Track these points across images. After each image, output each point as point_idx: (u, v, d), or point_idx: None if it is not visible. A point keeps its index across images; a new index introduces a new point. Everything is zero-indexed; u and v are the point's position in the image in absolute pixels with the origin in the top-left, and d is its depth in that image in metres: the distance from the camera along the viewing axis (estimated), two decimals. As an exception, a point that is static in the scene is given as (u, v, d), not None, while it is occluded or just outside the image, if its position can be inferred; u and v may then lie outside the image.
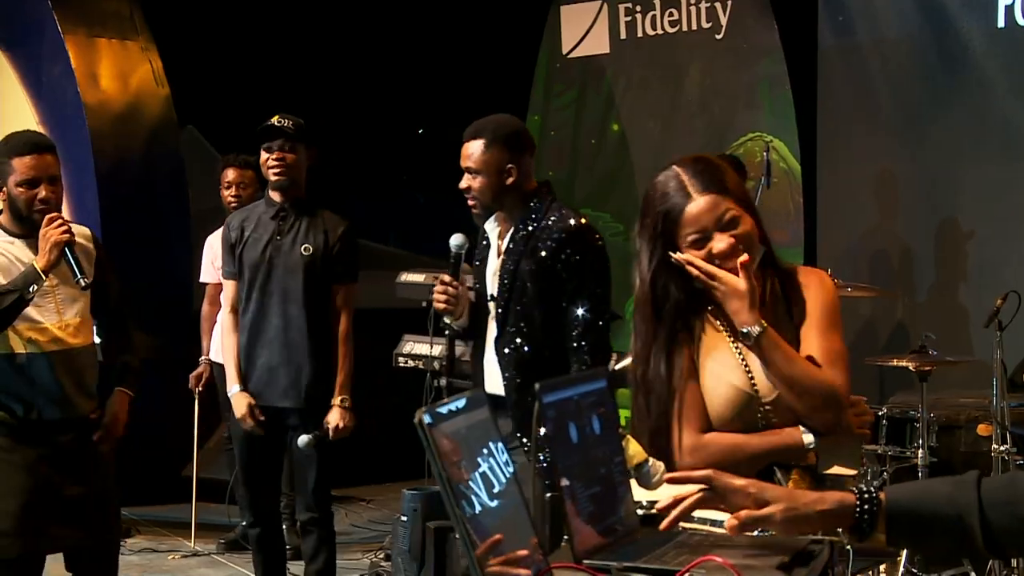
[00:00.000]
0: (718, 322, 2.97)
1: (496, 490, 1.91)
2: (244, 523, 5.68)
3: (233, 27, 10.49)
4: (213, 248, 7.48)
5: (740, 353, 2.93)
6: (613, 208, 8.94)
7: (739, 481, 2.32)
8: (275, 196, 5.46)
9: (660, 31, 8.70)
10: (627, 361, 6.41)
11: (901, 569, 5.17)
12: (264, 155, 5.42)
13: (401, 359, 7.33)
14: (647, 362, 2.96)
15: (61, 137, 8.62)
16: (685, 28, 8.53)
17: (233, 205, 7.28)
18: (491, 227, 4.67)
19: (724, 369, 2.93)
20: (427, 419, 1.80)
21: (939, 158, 7.37)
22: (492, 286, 4.63)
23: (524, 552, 1.95)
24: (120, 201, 8.57)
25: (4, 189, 4.59)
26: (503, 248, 4.59)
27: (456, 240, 4.67)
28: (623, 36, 8.94)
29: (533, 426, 2.19)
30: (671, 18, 8.58)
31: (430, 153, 10.03)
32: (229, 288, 5.56)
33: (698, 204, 2.91)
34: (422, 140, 10.80)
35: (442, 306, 4.58)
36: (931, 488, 2.26)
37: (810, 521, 2.24)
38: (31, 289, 4.43)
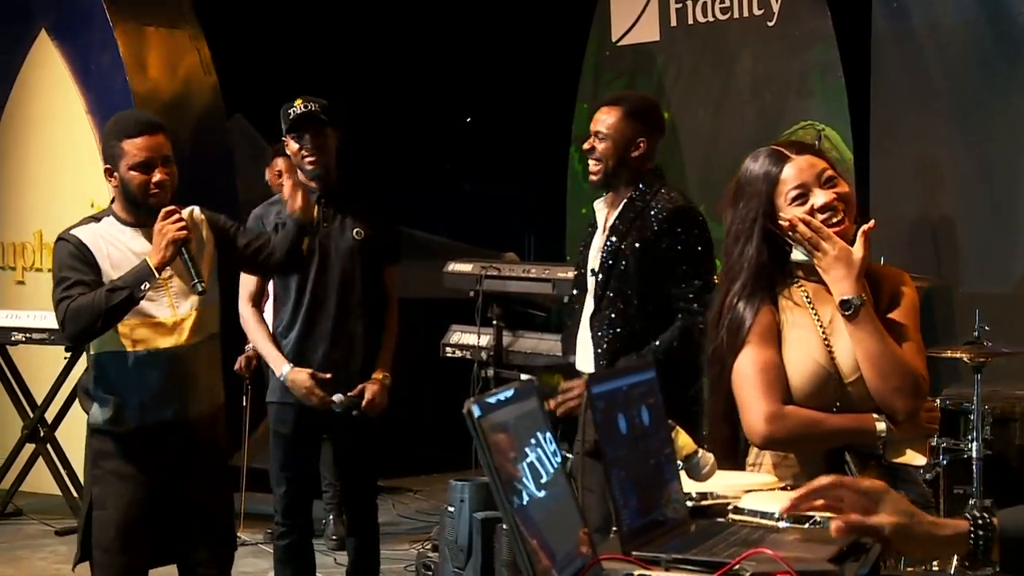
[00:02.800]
0: (804, 298, 2.98)
1: (544, 480, 1.91)
2: (273, 532, 5.47)
3: (281, 14, 10.52)
4: None
5: (823, 330, 2.94)
6: (663, 197, 8.90)
7: (866, 484, 2.21)
8: (309, 183, 5.27)
9: (711, 18, 8.66)
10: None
11: (954, 564, 5.13)
12: (294, 145, 5.26)
13: (448, 349, 7.34)
14: (723, 325, 2.97)
15: (110, 126, 8.70)
16: (736, 15, 8.48)
17: None
18: (599, 207, 4.72)
19: (807, 345, 2.94)
20: (476, 410, 1.80)
21: (996, 146, 7.30)
22: (594, 260, 4.64)
23: (572, 544, 1.95)
24: (168, 189, 8.62)
25: (116, 175, 4.25)
26: (608, 225, 4.62)
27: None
28: (674, 23, 8.91)
29: (581, 416, 2.18)
30: (722, 5, 8.53)
31: (478, 142, 10.03)
32: (251, 282, 5.36)
33: (797, 162, 2.97)
34: (470, 129, 10.79)
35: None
36: None
37: (921, 543, 2.16)
38: (142, 287, 4.10)
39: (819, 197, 2.93)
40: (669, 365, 4.08)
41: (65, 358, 7.73)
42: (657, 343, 4.46)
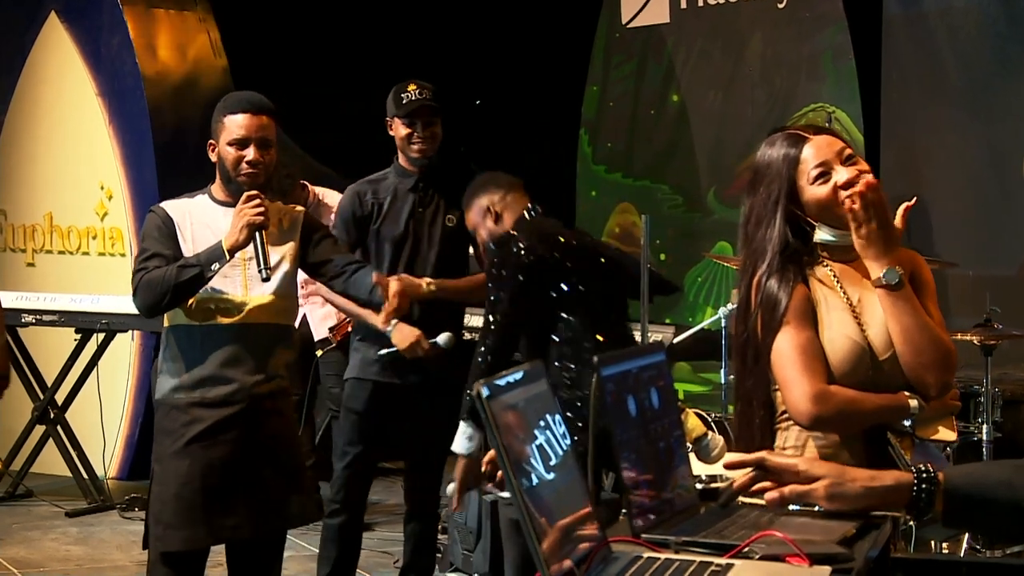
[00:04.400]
0: (832, 278, 2.98)
1: (553, 463, 1.91)
2: (327, 512, 5.36)
3: (290, -3, 10.52)
4: None
5: (855, 310, 2.94)
6: (672, 179, 8.90)
7: (788, 460, 2.33)
8: (410, 168, 5.26)
9: (721, 0, 8.64)
10: (687, 334, 6.43)
11: (964, 546, 5.14)
12: (404, 130, 5.22)
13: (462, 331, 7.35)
14: (756, 306, 2.97)
15: (119, 108, 8.72)
16: (747, -3, 8.48)
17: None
18: None
19: (841, 323, 2.94)
20: (486, 392, 1.80)
21: (1006, 129, 7.28)
22: None
23: (581, 525, 1.95)
24: (178, 172, 8.61)
25: (216, 150, 4.31)
26: None
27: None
28: (683, 5, 8.89)
29: (592, 398, 2.18)
30: (732, -13, 8.53)
31: (488, 124, 10.02)
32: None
33: (816, 141, 2.97)
34: (480, 111, 10.78)
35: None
36: (990, 471, 2.26)
37: (857, 498, 2.24)
38: (213, 267, 4.10)
39: (842, 174, 2.92)
40: None
41: (75, 339, 7.75)
42: None
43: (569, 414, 4.15)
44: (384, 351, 5.14)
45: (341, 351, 6.84)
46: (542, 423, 1.93)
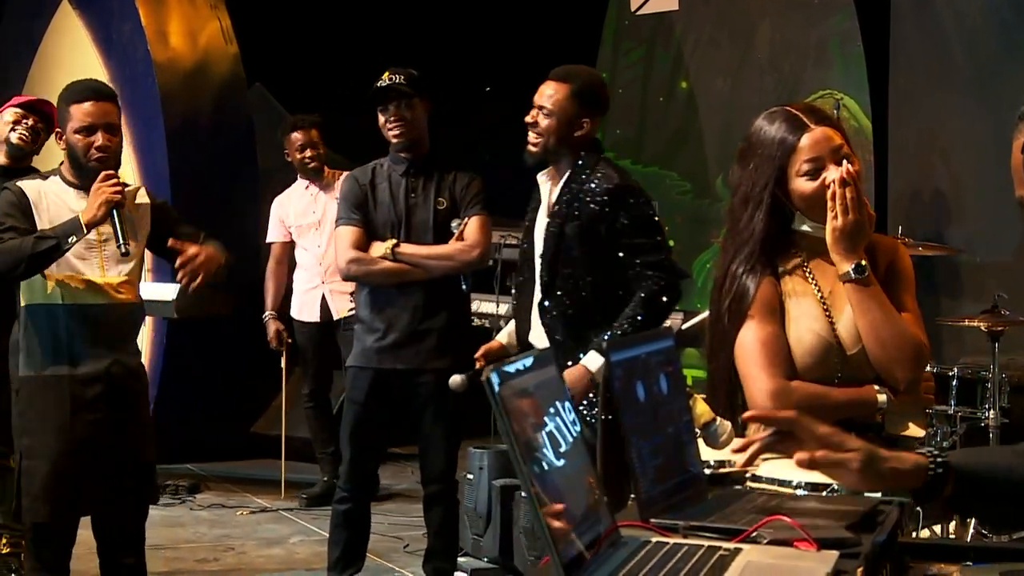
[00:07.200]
0: (805, 271, 2.96)
1: (563, 449, 1.91)
2: (336, 498, 5.41)
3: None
4: (284, 206, 7.56)
5: (824, 302, 2.93)
6: (681, 166, 8.89)
7: (823, 428, 2.24)
8: (401, 154, 5.26)
9: (730, -13, 8.63)
10: (695, 320, 6.42)
11: (971, 531, 5.13)
12: (381, 117, 5.22)
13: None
14: (726, 293, 2.95)
15: (131, 94, 8.71)
16: (755, -16, 8.46)
17: (312, 166, 7.37)
18: (543, 180, 4.69)
19: (808, 317, 2.92)
20: (495, 378, 1.80)
21: (1013, 116, 7.23)
22: (539, 244, 4.63)
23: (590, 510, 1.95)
24: (189, 158, 8.64)
25: (64, 137, 4.47)
26: (551, 208, 4.59)
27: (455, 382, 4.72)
28: (692, -8, 8.88)
29: (601, 384, 2.18)
30: (741, -26, 8.51)
31: (497, 111, 10.01)
32: (350, 234, 5.18)
33: (815, 134, 2.93)
34: (489, 98, 10.77)
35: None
36: (995, 457, 2.25)
37: (883, 477, 2.20)
38: (69, 240, 4.28)
39: (832, 173, 2.89)
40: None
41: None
42: (623, 321, 4.42)
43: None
44: None
45: None
46: (552, 409, 1.93)
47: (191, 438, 8.47)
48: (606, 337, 4.32)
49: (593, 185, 4.50)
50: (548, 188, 4.65)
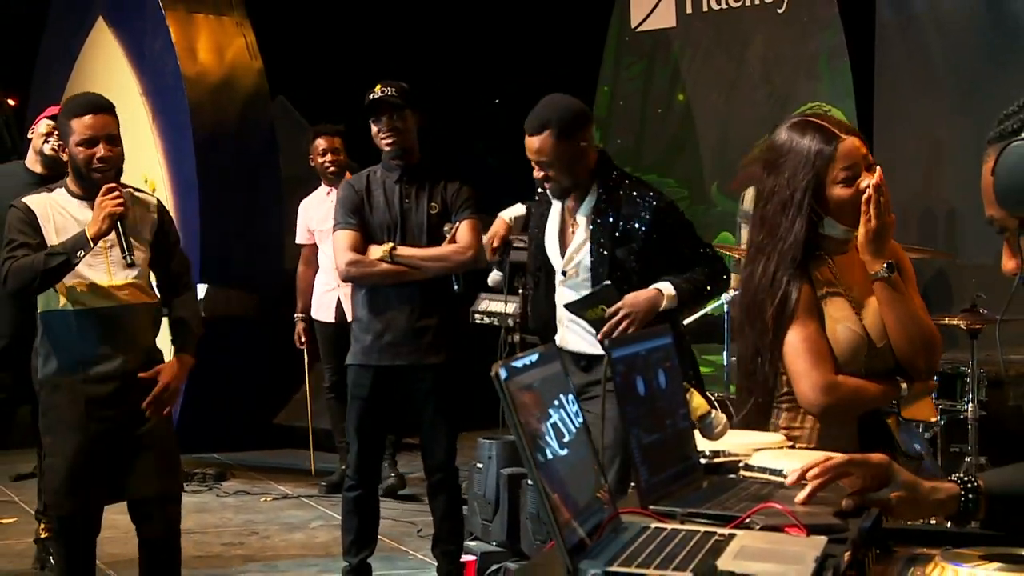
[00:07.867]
0: (832, 271, 2.98)
1: (566, 439, 1.91)
2: (345, 487, 5.41)
3: (320, 3, 10.52)
4: (308, 211, 7.55)
5: (852, 302, 2.95)
6: (678, 174, 8.89)
7: (875, 458, 2.21)
8: (394, 162, 5.21)
9: (725, 5, 8.62)
10: (692, 319, 6.37)
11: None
12: (374, 128, 5.18)
13: (477, 316, 7.33)
14: (769, 296, 2.95)
15: (162, 107, 8.74)
16: (748, 2, 8.45)
17: (332, 171, 7.37)
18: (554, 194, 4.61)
19: (843, 316, 2.96)
20: (503, 373, 1.80)
21: (992, 124, 7.23)
22: (568, 261, 4.54)
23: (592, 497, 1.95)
24: (216, 167, 8.65)
25: (67, 150, 4.44)
26: (587, 234, 4.46)
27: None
28: (689, 10, 8.87)
29: (603, 379, 2.18)
30: (735, -8, 8.51)
31: (505, 122, 10.03)
32: (348, 238, 5.16)
33: (847, 143, 2.94)
34: (498, 110, 10.78)
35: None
36: (1021, 473, 2.23)
37: (920, 510, 2.21)
38: (78, 254, 4.26)
39: (867, 179, 2.92)
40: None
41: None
42: (695, 277, 4.40)
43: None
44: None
45: None
46: (556, 403, 1.93)
47: (218, 430, 8.48)
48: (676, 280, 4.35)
49: (630, 209, 4.41)
50: (564, 204, 4.57)
